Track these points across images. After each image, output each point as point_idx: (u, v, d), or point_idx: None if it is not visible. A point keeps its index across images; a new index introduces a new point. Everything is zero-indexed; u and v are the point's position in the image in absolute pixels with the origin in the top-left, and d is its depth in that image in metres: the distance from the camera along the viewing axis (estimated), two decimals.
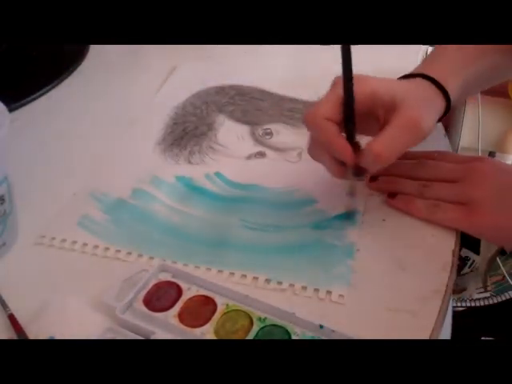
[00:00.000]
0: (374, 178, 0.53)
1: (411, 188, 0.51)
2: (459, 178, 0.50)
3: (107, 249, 0.47)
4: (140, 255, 0.47)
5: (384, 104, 0.47)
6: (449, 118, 1.64)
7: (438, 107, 0.49)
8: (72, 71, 0.70)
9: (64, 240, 0.48)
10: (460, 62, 0.52)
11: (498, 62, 0.54)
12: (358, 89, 0.46)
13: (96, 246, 0.48)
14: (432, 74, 0.49)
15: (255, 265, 0.46)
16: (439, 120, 0.51)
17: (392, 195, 0.51)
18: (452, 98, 0.49)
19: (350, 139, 0.46)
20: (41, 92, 0.66)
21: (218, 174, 0.55)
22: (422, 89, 0.49)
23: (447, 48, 0.52)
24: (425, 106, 0.47)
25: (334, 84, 0.47)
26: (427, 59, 0.53)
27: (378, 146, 0.45)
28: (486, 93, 1.47)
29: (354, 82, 0.46)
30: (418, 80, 0.49)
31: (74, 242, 0.48)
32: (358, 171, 0.47)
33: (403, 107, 0.46)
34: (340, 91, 0.46)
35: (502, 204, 0.47)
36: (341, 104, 0.46)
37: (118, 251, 0.47)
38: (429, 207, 0.49)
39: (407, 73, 0.52)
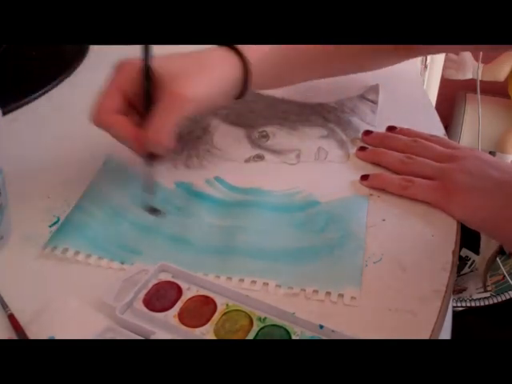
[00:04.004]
0: (363, 148, 0.56)
1: (395, 159, 0.54)
2: (444, 161, 0.52)
3: (112, 260, 0.46)
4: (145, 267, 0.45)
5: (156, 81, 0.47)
6: (449, 118, 1.64)
7: (220, 69, 0.49)
8: (72, 71, 0.70)
9: (66, 249, 0.46)
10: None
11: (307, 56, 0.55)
12: (127, 73, 0.47)
13: (100, 258, 0.46)
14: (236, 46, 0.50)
15: (265, 270, 0.45)
16: (242, 93, 0.52)
17: (364, 177, 0.53)
18: (253, 62, 0.50)
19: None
20: (41, 92, 0.66)
21: (218, 179, 0.54)
22: (204, 56, 0.49)
23: None
24: (194, 73, 0.47)
25: (118, 71, 0.48)
26: None
27: (151, 132, 0.46)
28: (486, 93, 1.48)
29: (120, 67, 0.48)
30: (210, 48, 0.50)
31: (77, 253, 0.46)
32: (151, 156, 0.48)
33: (165, 83, 0.46)
34: (121, 79, 0.48)
35: (475, 185, 0.49)
36: (123, 93, 0.47)
37: (123, 263, 0.46)
38: (402, 182, 0.51)
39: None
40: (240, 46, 0.50)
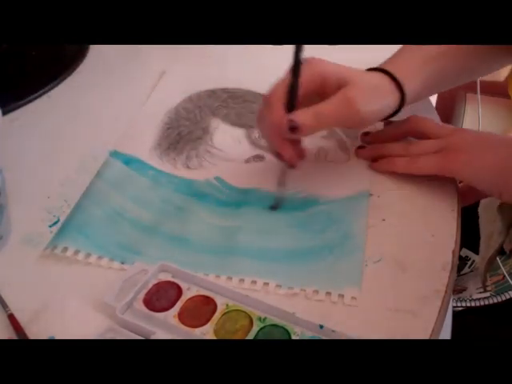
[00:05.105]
0: (361, 147, 0.57)
1: (397, 148, 0.54)
2: (441, 149, 0.52)
3: (112, 260, 0.46)
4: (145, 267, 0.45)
5: (332, 84, 0.49)
6: (449, 118, 1.64)
7: (388, 99, 0.51)
8: (72, 71, 0.70)
9: (66, 248, 0.46)
10: (420, 61, 0.53)
11: (460, 63, 0.56)
12: (308, 69, 0.47)
13: (100, 257, 0.46)
14: (391, 70, 0.51)
15: (265, 270, 0.45)
16: (392, 115, 0.53)
17: (375, 160, 0.54)
18: (408, 93, 0.51)
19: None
20: (41, 92, 0.66)
21: (218, 179, 0.54)
22: (377, 79, 0.51)
23: (410, 47, 0.54)
24: (369, 92, 0.49)
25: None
26: (391, 57, 0.55)
27: (305, 115, 0.47)
28: (485, 93, 1.47)
29: (307, 63, 0.47)
30: (376, 73, 0.52)
31: (77, 252, 0.46)
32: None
33: (345, 88, 0.48)
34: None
35: (476, 147, 0.50)
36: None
37: (123, 262, 0.46)
38: (408, 160, 0.52)
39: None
40: (400, 76, 0.51)
